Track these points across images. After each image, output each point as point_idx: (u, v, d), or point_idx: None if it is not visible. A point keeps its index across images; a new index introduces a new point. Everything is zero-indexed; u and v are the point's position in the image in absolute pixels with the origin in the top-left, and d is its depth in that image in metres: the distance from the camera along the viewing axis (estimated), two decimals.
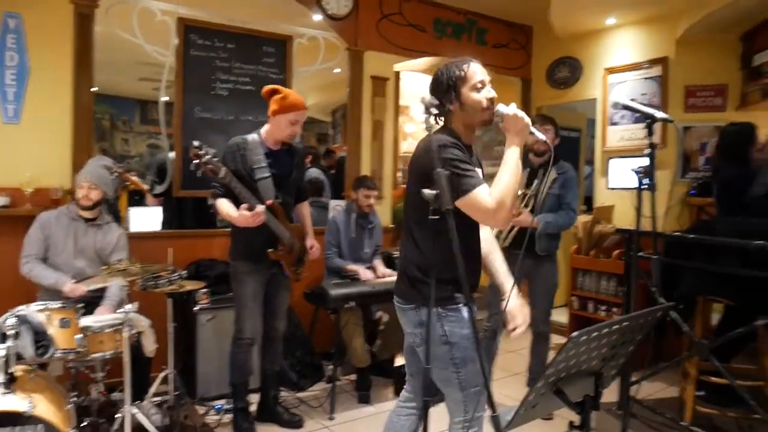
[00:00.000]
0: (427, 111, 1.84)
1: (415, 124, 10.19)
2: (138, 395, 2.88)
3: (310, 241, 3.29)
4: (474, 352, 1.94)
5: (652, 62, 5.03)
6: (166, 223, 4.45)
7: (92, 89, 3.67)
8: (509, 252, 3.52)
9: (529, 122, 1.85)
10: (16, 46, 3.45)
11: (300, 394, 3.80)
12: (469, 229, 1.96)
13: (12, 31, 3.43)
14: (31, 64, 3.48)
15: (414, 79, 6.69)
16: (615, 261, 4.58)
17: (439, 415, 2.11)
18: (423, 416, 1.75)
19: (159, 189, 4.21)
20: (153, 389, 3.05)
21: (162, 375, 3.08)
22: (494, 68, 5.60)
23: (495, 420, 1.56)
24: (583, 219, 4.99)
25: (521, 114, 1.84)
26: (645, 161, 2.20)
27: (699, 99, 4.86)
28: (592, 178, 5.87)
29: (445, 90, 1.96)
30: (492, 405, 1.59)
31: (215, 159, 2.84)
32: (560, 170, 3.52)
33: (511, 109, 1.87)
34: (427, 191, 1.75)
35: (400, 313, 2.09)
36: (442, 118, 2.02)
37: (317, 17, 4.64)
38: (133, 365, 2.65)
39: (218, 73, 4.20)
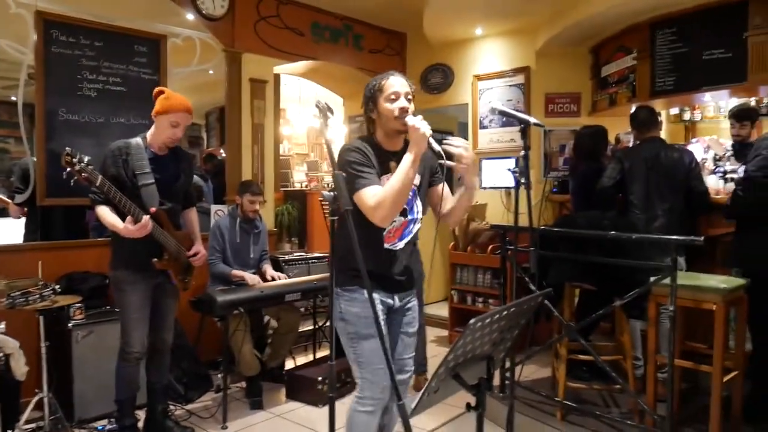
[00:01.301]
0: (323, 115, 1.91)
1: (291, 127, 10.14)
2: (8, 424, 2.63)
3: (195, 248, 3.17)
4: (368, 330, 2.10)
5: (516, 71, 5.47)
6: (29, 234, 4.07)
7: None
8: None
9: (427, 133, 1.97)
10: None
11: (189, 406, 3.66)
12: (369, 222, 2.06)
13: None
14: None
15: (291, 82, 6.69)
16: (490, 256, 4.91)
17: None
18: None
19: (20, 198, 3.85)
20: (25, 416, 2.80)
21: (35, 399, 2.84)
22: (370, 73, 5.76)
23: (401, 408, 1.65)
24: None
25: (419, 125, 1.97)
26: (512, 162, 2.42)
27: (557, 105, 5.37)
28: None
29: (367, 101, 2.15)
30: (398, 393, 1.68)
31: (90, 167, 2.67)
32: None
33: (411, 120, 2.00)
34: (326, 193, 1.85)
35: None
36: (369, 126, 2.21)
37: (191, 17, 4.50)
38: (2, 391, 2.44)
39: (85, 72, 3.94)
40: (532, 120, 2.19)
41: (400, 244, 2.20)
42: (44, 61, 3.74)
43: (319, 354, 4.46)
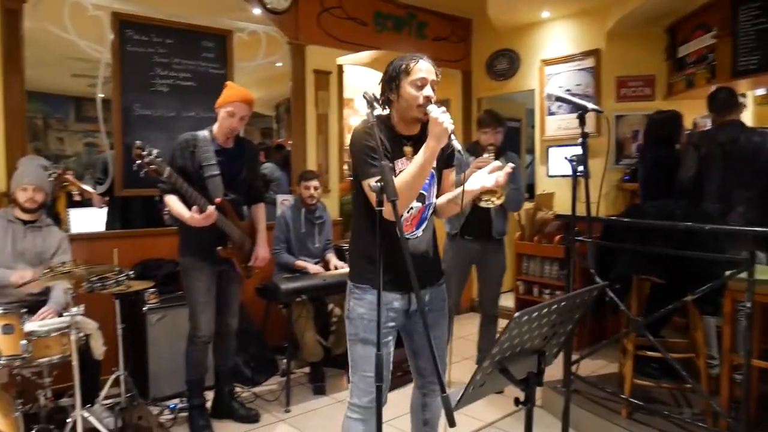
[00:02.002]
0: (370, 105, 1.89)
1: (359, 117, 10.22)
2: (88, 399, 2.83)
3: (255, 252, 3.25)
4: (367, 335, 2.00)
5: (585, 54, 5.25)
6: (110, 223, 4.34)
7: (24, 88, 3.53)
8: (462, 239, 3.65)
9: (449, 129, 1.83)
10: None
11: (255, 389, 3.81)
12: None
13: None
14: None
15: (357, 72, 6.72)
16: (556, 246, 4.77)
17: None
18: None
19: (100, 189, 4.11)
20: (104, 392, 3.00)
21: (113, 377, 3.04)
22: (435, 61, 5.65)
23: (445, 400, 1.63)
24: (525, 206, 5.17)
25: (442, 118, 1.82)
26: (580, 150, 2.34)
27: (630, 89, 5.11)
28: (532, 167, 6.07)
29: (389, 80, 2.01)
30: (441, 385, 1.67)
31: (159, 159, 2.80)
32: (509, 160, 3.68)
33: (434, 111, 1.85)
34: (373, 183, 1.80)
35: None
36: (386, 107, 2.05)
37: (257, 11, 4.61)
38: (82, 368, 2.61)
39: (157, 68, 4.12)
40: (590, 106, 2.10)
41: (418, 232, 2.08)
42: (120, 59, 3.94)
43: None
